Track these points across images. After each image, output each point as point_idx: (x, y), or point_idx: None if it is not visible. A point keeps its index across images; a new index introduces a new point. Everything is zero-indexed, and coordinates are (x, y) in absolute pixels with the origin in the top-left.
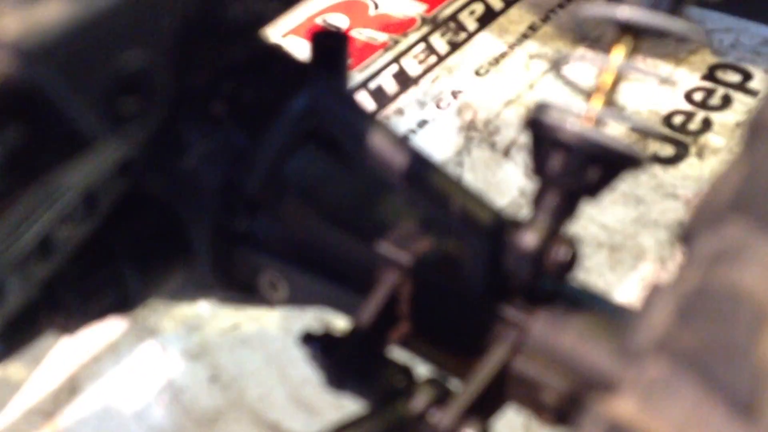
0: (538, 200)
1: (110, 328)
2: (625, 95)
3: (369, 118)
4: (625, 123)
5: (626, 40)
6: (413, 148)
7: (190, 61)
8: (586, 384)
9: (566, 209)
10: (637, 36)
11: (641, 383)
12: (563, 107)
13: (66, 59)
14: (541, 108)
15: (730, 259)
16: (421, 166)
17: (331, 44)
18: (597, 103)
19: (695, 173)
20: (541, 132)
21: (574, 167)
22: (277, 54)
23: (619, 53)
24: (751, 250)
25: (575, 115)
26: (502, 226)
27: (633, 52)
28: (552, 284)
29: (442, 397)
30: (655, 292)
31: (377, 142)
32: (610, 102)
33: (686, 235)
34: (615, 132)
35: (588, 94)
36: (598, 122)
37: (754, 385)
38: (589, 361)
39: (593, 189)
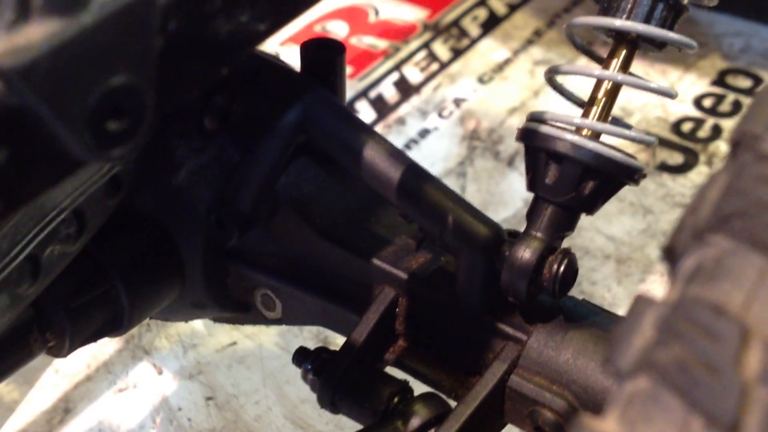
0: (533, 214)
1: (104, 347)
2: (631, 102)
3: (363, 131)
4: (621, 135)
5: (622, 50)
6: (409, 161)
7: (179, 79)
8: (581, 402)
9: (564, 223)
10: (633, 46)
11: (622, 402)
12: (558, 117)
13: (50, 82)
14: (534, 118)
15: (708, 276)
16: (416, 180)
17: (324, 54)
18: (594, 114)
19: None
20: (535, 143)
21: (570, 179)
22: (271, 66)
23: (615, 63)
24: (728, 267)
25: (571, 125)
26: (498, 241)
27: (629, 61)
28: (551, 299)
29: (440, 416)
30: (638, 304)
31: (372, 155)
32: (607, 112)
33: (668, 251)
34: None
35: (584, 104)
36: (595, 133)
37: (737, 405)
38: (584, 379)
39: (591, 203)
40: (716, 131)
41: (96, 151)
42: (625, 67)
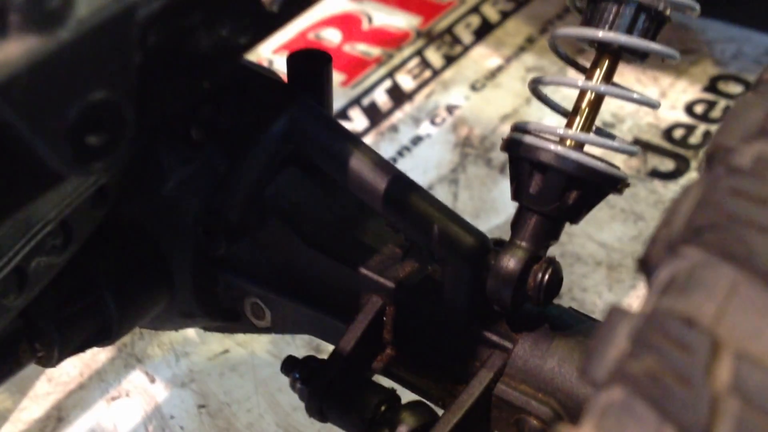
0: (518, 224)
1: (97, 355)
2: (623, 108)
3: (350, 141)
4: (603, 145)
5: (605, 61)
6: (395, 171)
7: (160, 93)
8: (567, 410)
9: (548, 233)
10: (616, 56)
11: (597, 412)
12: (542, 127)
13: (28, 99)
14: (519, 129)
15: (680, 288)
16: (402, 190)
17: (311, 65)
18: (577, 124)
19: None
20: (519, 153)
21: (554, 189)
22: (257, 77)
23: (598, 74)
24: (700, 279)
25: (554, 136)
26: (484, 250)
27: (612, 71)
28: (536, 308)
29: (427, 424)
30: (612, 315)
31: (358, 165)
32: (591, 122)
33: (643, 263)
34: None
35: (568, 114)
36: (579, 143)
37: (708, 416)
38: (568, 387)
39: (575, 212)
40: (708, 138)
41: (76, 165)
42: (608, 78)
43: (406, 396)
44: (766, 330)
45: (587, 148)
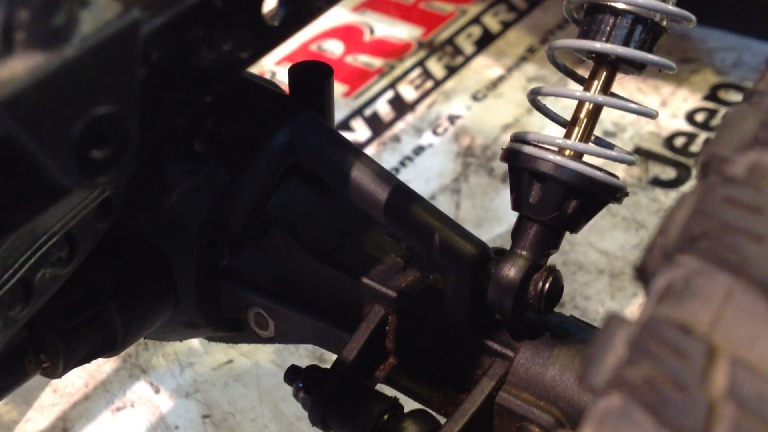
0: (518, 233)
1: (102, 366)
2: (624, 117)
3: (351, 152)
4: (602, 155)
5: (603, 72)
6: (396, 182)
7: (163, 107)
8: (568, 417)
9: (548, 242)
10: (614, 67)
11: (595, 419)
12: (541, 137)
13: (34, 114)
14: (518, 139)
15: (677, 295)
16: (403, 200)
17: (312, 77)
18: (576, 134)
19: None
20: (518, 163)
21: (553, 199)
22: (259, 89)
23: (596, 85)
24: (696, 287)
25: (553, 146)
26: (484, 259)
27: (610, 82)
28: (538, 316)
29: None
30: (610, 323)
31: (359, 176)
32: (589, 132)
33: (640, 271)
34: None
35: (567, 125)
36: (578, 153)
37: (704, 422)
38: (570, 395)
39: (574, 222)
40: None
41: (81, 179)
42: (606, 88)
43: (409, 405)
44: (761, 336)
45: (587, 157)
